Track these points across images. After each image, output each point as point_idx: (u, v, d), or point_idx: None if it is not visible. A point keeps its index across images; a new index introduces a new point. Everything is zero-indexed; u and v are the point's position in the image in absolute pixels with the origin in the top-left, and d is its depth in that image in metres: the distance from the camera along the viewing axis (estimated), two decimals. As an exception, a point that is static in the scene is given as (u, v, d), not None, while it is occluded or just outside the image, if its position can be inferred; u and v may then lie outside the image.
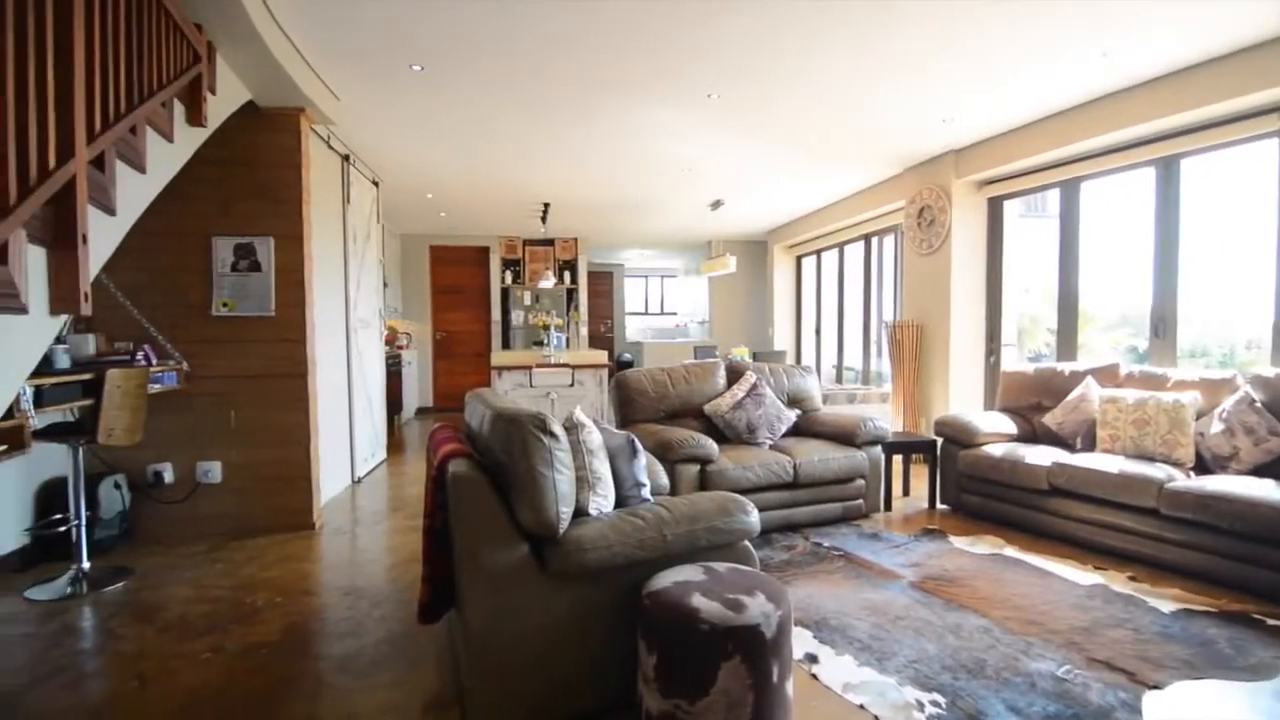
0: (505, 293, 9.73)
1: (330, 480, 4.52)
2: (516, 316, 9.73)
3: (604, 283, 12.42)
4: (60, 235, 1.53)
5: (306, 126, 3.98)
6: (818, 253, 8.70)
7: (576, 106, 4.29)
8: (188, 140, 2.64)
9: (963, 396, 5.38)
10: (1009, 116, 4.48)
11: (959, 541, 3.58)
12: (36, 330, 1.48)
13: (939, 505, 4.32)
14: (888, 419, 5.46)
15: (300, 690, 2.19)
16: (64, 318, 1.60)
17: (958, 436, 4.14)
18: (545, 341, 6.96)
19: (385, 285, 6.74)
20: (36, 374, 2.54)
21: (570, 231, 9.49)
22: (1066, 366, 4.23)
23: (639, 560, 1.95)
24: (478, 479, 1.90)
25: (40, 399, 2.67)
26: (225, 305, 3.83)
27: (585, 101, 4.20)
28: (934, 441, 4.41)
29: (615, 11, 3.00)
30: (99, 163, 1.80)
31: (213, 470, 3.88)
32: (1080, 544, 3.43)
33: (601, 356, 6.26)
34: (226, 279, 3.83)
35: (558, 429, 1.93)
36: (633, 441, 2.30)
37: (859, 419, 4.07)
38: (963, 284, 5.37)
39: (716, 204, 7.46)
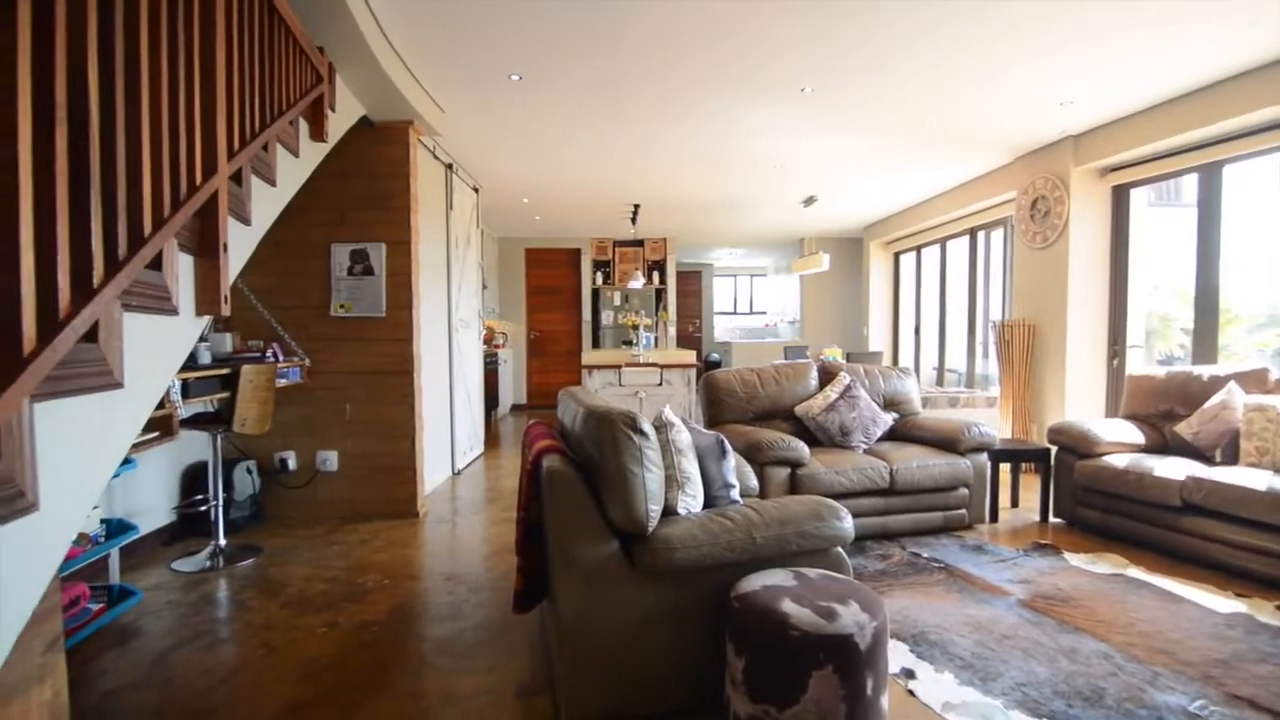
0: (596, 293, 9.92)
1: (433, 471, 4.78)
2: (606, 316, 9.90)
3: (692, 282, 12.41)
4: (205, 244, 1.71)
5: (414, 138, 4.23)
6: (918, 249, 8.31)
7: (668, 107, 4.31)
8: (311, 155, 2.87)
9: (1080, 402, 4.98)
10: (1138, 96, 4.10)
11: (1075, 559, 3.32)
12: (185, 329, 1.66)
13: (1052, 519, 4.02)
14: (994, 425, 5.13)
15: (405, 667, 2.33)
16: (207, 318, 1.78)
17: (1075, 445, 3.83)
18: (634, 341, 7.04)
19: (484, 287, 7.04)
20: (183, 369, 2.85)
21: (660, 232, 9.55)
22: (1205, 370, 3.83)
23: (727, 562, 1.94)
24: (570, 475, 1.95)
25: (186, 391, 2.99)
26: (342, 307, 4.13)
27: (677, 102, 4.21)
28: (1047, 450, 4.11)
29: (709, 11, 2.99)
30: (237, 177, 1.99)
31: (330, 459, 4.20)
32: (1218, 567, 3.10)
33: (689, 356, 6.26)
34: (344, 282, 4.13)
35: (647, 427, 1.95)
36: (722, 442, 2.29)
37: (962, 424, 3.85)
38: (1082, 280, 4.96)
39: (809, 201, 7.28)
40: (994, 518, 3.99)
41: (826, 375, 4.29)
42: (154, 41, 1.40)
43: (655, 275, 9.91)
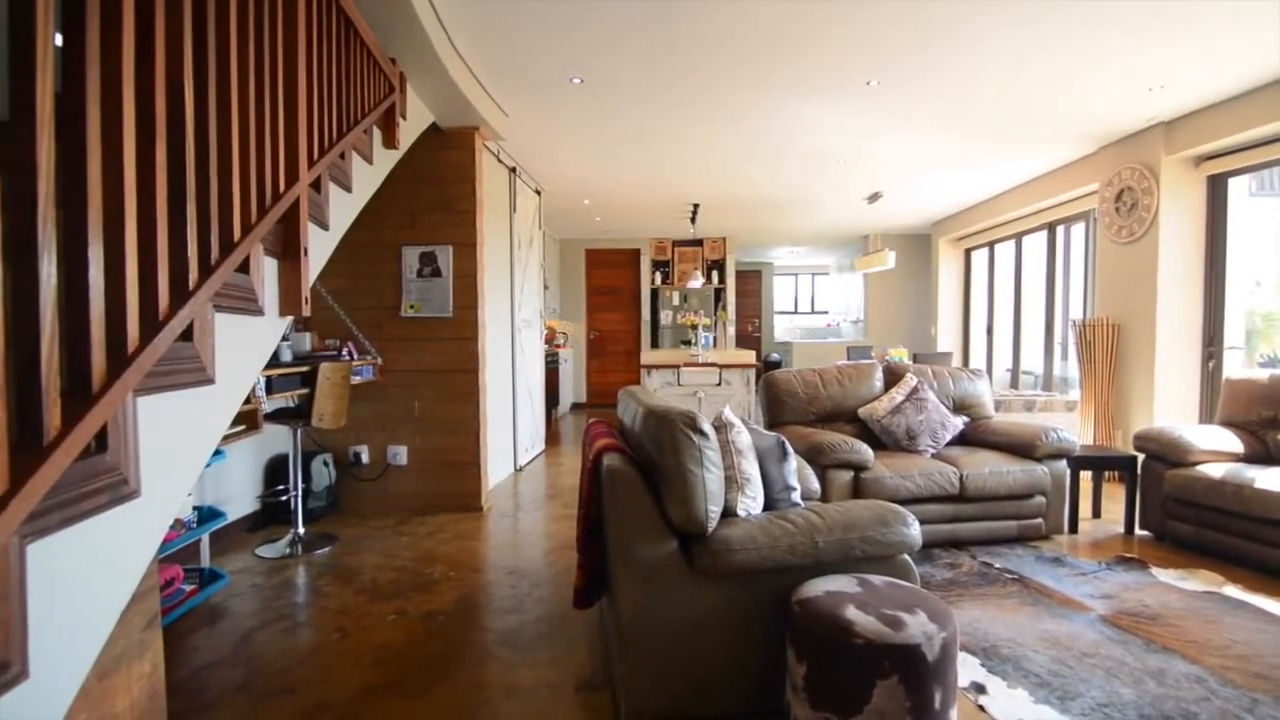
0: (654, 293, 9.94)
1: (496, 467, 4.90)
2: (665, 316, 9.91)
3: (752, 282, 12.27)
4: (287, 248, 1.81)
5: (480, 143, 4.34)
6: (990, 245, 7.96)
7: (728, 106, 4.28)
8: (384, 161, 2.99)
9: (1170, 407, 4.66)
10: (1239, 77, 3.80)
11: (1164, 574, 3.11)
12: (269, 329, 1.76)
13: (1138, 531, 3.78)
14: (1074, 430, 4.87)
15: (469, 657, 2.40)
16: (289, 318, 1.88)
17: (1164, 453, 3.59)
18: (693, 341, 7.02)
19: (545, 288, 7.17)
20: (267, 366, 3.02)
21: (719, 231, 9.49)
22: (1316, 375, 3.52)
23: (788, 565, 1.92)
24: (630, 473, 1.97)
25: (270, 387, 3.17)
26: (412, 307, 4.29)
27: (736, 100, 4.18)
28: (1133, 458, 3.86)
29: (769, 9, 2.96)
30: (316, 185, 2.09)
31: (400, 453, 4.37)
32: (1332, 589, 2.85)
33: (749, 356, 6.19)
34: (413, 284, 4.29)
35: (707, 427, 1.94)
36: (783, 443, 2.26)
37: (1039, 429, 3.67)
38: (1172, 276, 4.65)
39: (874, 197, 7.08)
40: (1073, 528, 3.78)
41: (892, 376, 4.17)
42: (242, 59, 1.49)
43: (714, 275, 9.85)
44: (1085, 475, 4.04)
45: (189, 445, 1.27)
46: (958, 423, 3.97)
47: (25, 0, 0.85)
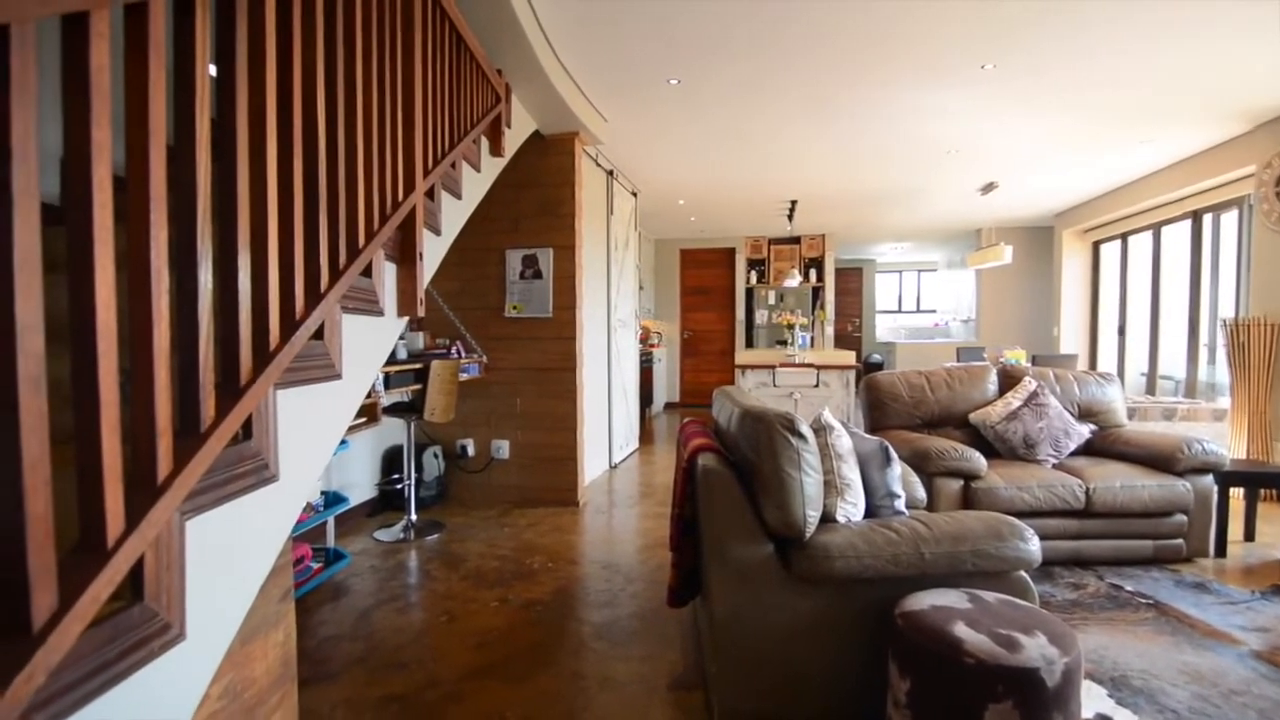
0: (750, 292, 9.81)
1: (592, 463, 5.01)
2: (760, 316, 9.76)
3: (852, 280, 11.86)
4: (404, 253, 1.93)
5: (580, 148, 4.45)
6: (1123, 236, 7.27)
7: (829, 100, 4.16)
8: (491, 169, 3.13)
9: (1348, 419, 4.08)
10: None
11: (1337, 609, 2.73)
12: (388, 329, 1.89)
13: (1304, 558, 3.34)
14: (1223, 442, 4.36)
15: (566, 647, 2.47)
16: (405, 319, 2.00)
17: (1339, 471, 3.15)
18: (789, 341, 6.87)
19: (641, 288, 7.25)
20: (385, 363, 3.24)
21: (818, 228, 9.23)
22: None
23: (890, 576, 1.84)
24: (726, 474, 1.96)
25: (387, 383, 3.40)
26: (515, 308, 4.47)
27: (838, 94, 4.05)
28: (1298, 475, 3.41)
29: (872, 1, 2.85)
30: (430, 193, 2.23)
31: (503, 448, 4.56)
32: None
33: (849, 357, 5.99)
34: (516, 285, 4.46)
35: (806, 430, 1.90)
36: (886, 448, 2.17)
37: (1181, 440, 3.31)
38: (1352, 271, 4.06)
39: (988, 187, 6.65)
40: (1221, 552, 3.39)
41: (1008, 380, 3.90)
42: (366, 78, 1.61)
43: (812, 273, 9.59)
44: (1236, 493, 3.61)
45: (319, 435, 1.39)
46: (1083, 431, 3.66)
47: (187, 38, 0.96)
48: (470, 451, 4.61)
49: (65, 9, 0.71)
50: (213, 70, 1.05)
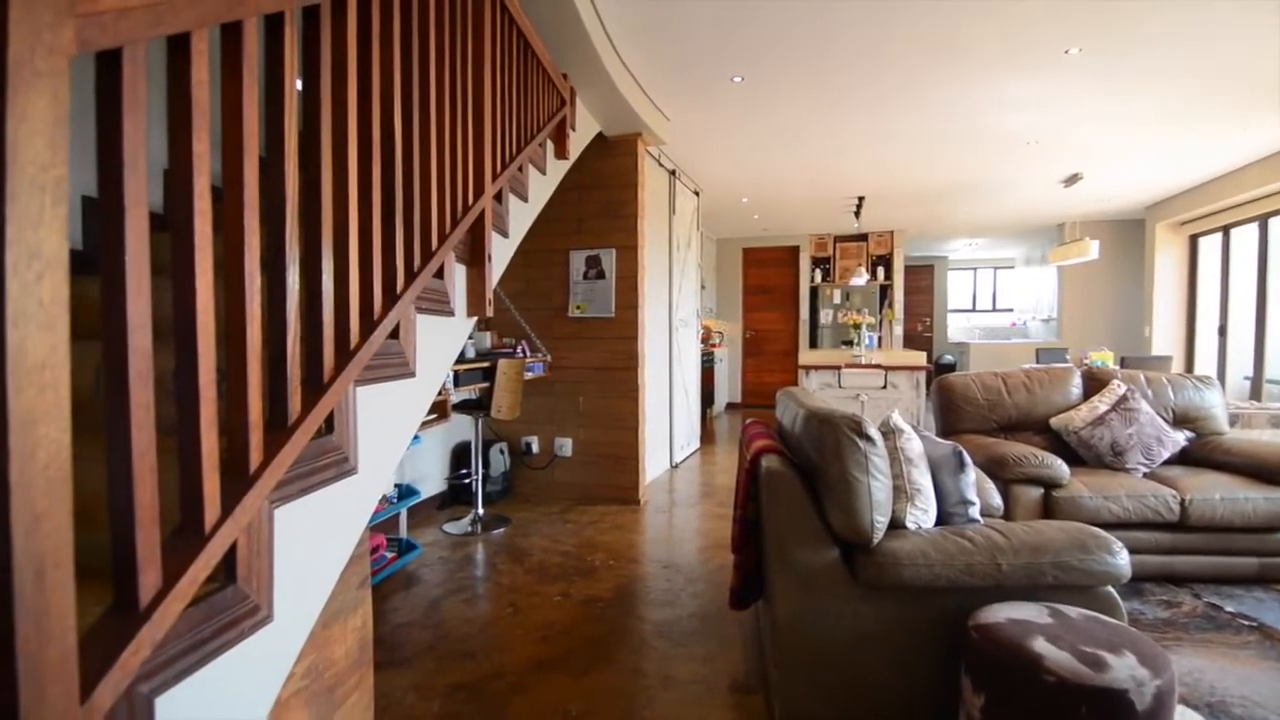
0: (814, 291, 9.61)
1: (652, 463, 5.03)
2: (825, 315, 9.55)
3: (923, 277, 11.45)
4: (474, 255, 1.99)
5: (642, 149, 4.48)
6: (1224, 229, 6.73)
7: (899, 93, 4.03)
8: (555, 171, 3.18)
9: None
10: None
11: None
12: (459, 328, 1.95)
13: None
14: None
15: (627, 644, 2.48)
16: (474, 319, 2.06)
17: None
18: (855, 341, 6.69)
19: (702, 287, 7.22)
20: (455, 362, 3.35)
21: (886, 225, 8.95)
22: None
23: (964, 586, 1.77)
24: (789, 476, 1.93)
25: (457, 381, 3.50)
26: (579, 308, 4.53)
27: (907, 87, 3.92)
28: None
29: (949, -19, 2.74)
30: (498, 196, 2.28)
31: (565, 445, 4.63)
32: None
33: (919, 358, 5.78)
34: (579, 286, 4.53)
35: (874, 433, 1.85)
36: (960, 453, 2.09)
37: (1292, 450, 3.05)
38: None
39: (1072, 179, 6.29)
40: (1341, 573, 3.09)
41: (1093, 383, 3.68)
42: (439, 86, 1.67)
43: (880, 271, 9.31)
44: (1360, 509, 3.27)
45: (395, 430, 1.45)
46: (1178, 438, 3.41)
47: (276, 55, 1.02)
48: (534, 449, 4.70)
49: (170, 31, 0.77)
50: (299, 85, 1.11)
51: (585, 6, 2.91)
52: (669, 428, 5.54)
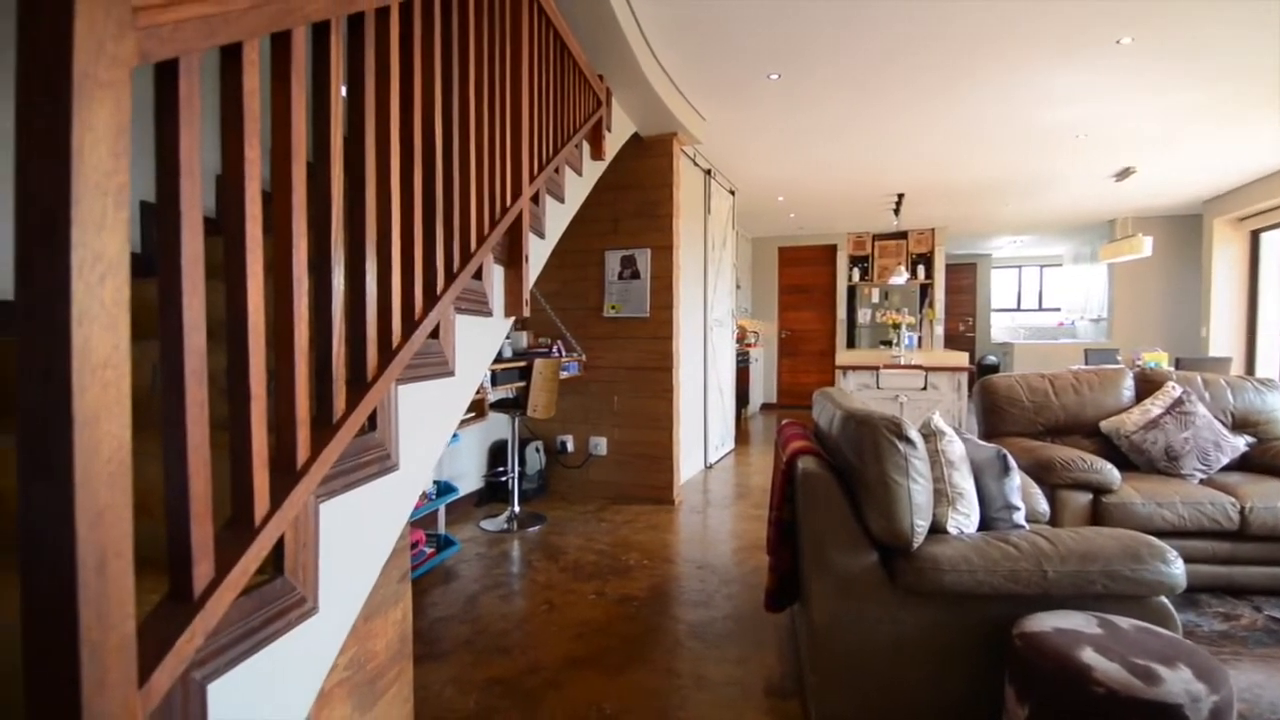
0: (852, 290, 9.46)
1: (687, 463, 5.01)
2: (863, 315, 9.39)
3: (965, 276, 11.18)
4: (512, 256, 2.01)
5: (678, 149, 4.47)
6: (1291, 225, 6.41)
7: (941, 88, 3.94)
8: (591, 172, 3.20)
9: None
10: None
11: None
12: (496, 328, 1.97)
13: None
14: None
15: (661, 644, 2.48)
16: (511, 319, 2.09)
17: None
18: (894, 341, 6.56)
19: (738, 287, 7.17)
20: (492, 361, 3.40)
21: (926, 222, 8.76)
22: None
23: (1008, 593, 1.72)
24: (827, 478, 1.90)
25: (494, 380, 3.55)
26: (613, 308, 4.55)
27: (951, 82, 3.83)
28: None
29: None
30: (535, 198, 2.31)
31: (600, 444, 4.66)
32: None
33: (961, 358, 5.65)
34: (614, 286, 4.54)
35: (914, 435, 1.81)
36: (1004, 456, 2.03)
37: (1364, 457, 2.89)
38: None
39: (1124, 173, 6.06)
40: None
41: (1146, 385, 3.54)
42: (478, 89, 1.69)
43: (920, 270, 9.12)
44: None
45: (435, 427, 1.48)
46: (1238, 443, 3.26)
47: (323, 63, 1.04)
48: (570, 447, 4.74)
49: (223, 41, 0.79)
50: (344, 91, 1.14)
51: (621, 7, 2.92)
52: (703, 428, 5.52)
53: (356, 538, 1.16)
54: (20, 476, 0.60)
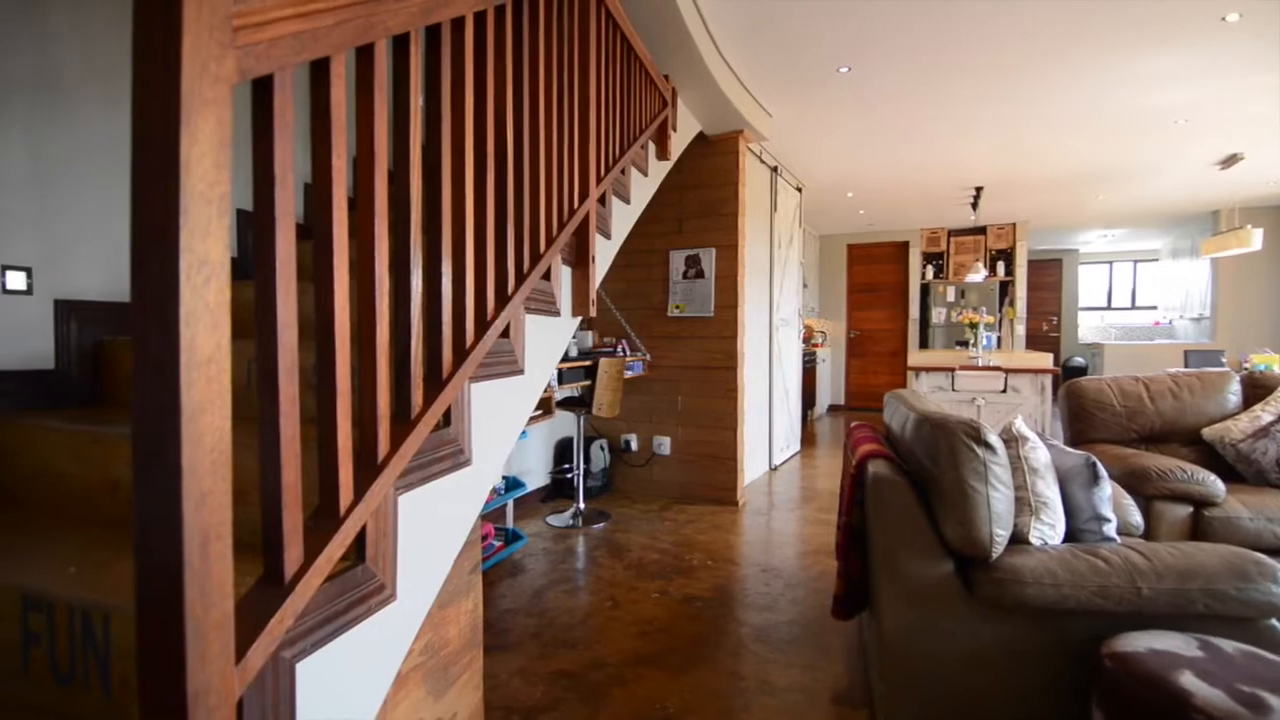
0: (925, 289, 9.11)
1: (751, 464, 4.96)
2: (937, 314, 9.03)
3: (1049, 272, 10.60)
4: (579, 257, 2.04)
5: (744, 146, 4.42)
6: None
7: (1023, 75, 3.74)
8: (657, 172, 3.21)
9: None
10: None
11: None
12: (564, 327, 2.01)
13: None
14: None
15: (725, 646, 2.47)
16: (578, 318, 2.12)
17: None
18: (971, 341, 6.29)
19: (804, 286, 7.03)
20: (558, 360, 3.46)
21: (1007, 216, 8.34)
22: None
23: (1096, 610, 1.63)
24: (899, 483, 1.84)
25: (560, 379, 3.61)
26: (678, 308, 4.55)
27: (1033, 68, 3.63)
28: None
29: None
30: (602, 199, 2.33)
31: (664, 444, 4.67)
32: None
33: (1044, 360, 5.35)
34: (679, 285, 4.54)
35: (994, 440, 1.73)
36: (1093, 465, 1.92)
37: None
38: None
39: (1230, 160, 5.60)
40: None
41: (1255, 389, 3.26)
42: (547, 94, 1.72)
43: (999, 266, 8.69)
44: None
45: (505, 424, 1.52)
46: (1368, 455, 2.95)
47: (402, 74, 1.09)
48: (633, 446, 4.77)
49: (313, 56, 0.84)
50: (421, 100, 1.18)
51: (688, 8, 2.92)
52: (768, 429, 5.45)
53: (432, 529, 1.21)
54: (135, 463, 0.65)
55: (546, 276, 1.76)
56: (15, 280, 1.64)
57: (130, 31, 0.65)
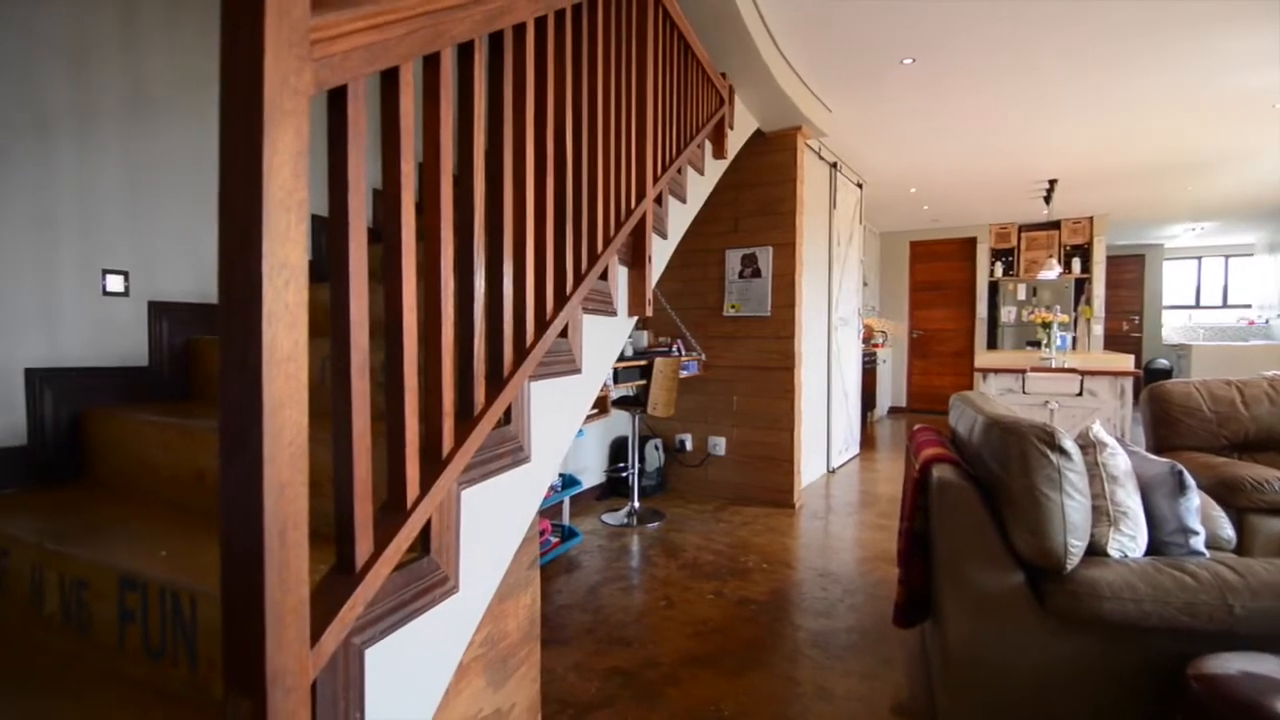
0: (993, 287, 8.74)
1: (809, 466, 4.87)
2: (1007, 313, 8.65)
3: (1129, 269, 10.01)
4: (635, 257, 2.05)
5: (802, 143, 4.35)
6: None
7: (1102, 59, 3.55)
8: (713, 171, 3.19)
9: None
10: None
11: None
12: (620, 327, 2.02)
13: None
14: None
15: (781, 651, 2.43)
16: (634, 318, 2.13)
17: None
18: (1044, 341, 6.00)
19: (864, 284, 6.86)
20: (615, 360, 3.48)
21: (1083, 210, 7.92)
22: None
23: (1181, 628, 1.53)
24: (965, 488, 1.78)
25: (616, 378, 3.64)
26: (733, 307, 4.51)
27: (1115, 51, 3.43)
28: None
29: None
30: (658, 199, 2.34)
31: (719, 444, 4.64)
32: None
33: (1124, 361, 5.06)
34: (735, 284, 4.50)
35: (1069, 445, 1.65)
36: (1179, 473, 1.80)
37: None
38: None
39: (1341, 148, 5.16)
40: None
41: (1369, 395, 3.00)
42: (606, 96, 1.74)
43: (1075, 263, 8.26)
44: None
45: (563, 422, 1.54)
46: None
47: (466, 81, 1.12)
48: (688, 446, 4.75)
49: (383, 66, 0.87)
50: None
51: (747, 6, 2.89)
52: (826, 430, 5.34)
53: (493, 523, 1.24)
54: (221, 453, 0.69)
55: (604, 277, 1.77)
56: (114, 283, 1.77)
57: (216, 50, 0.69)
